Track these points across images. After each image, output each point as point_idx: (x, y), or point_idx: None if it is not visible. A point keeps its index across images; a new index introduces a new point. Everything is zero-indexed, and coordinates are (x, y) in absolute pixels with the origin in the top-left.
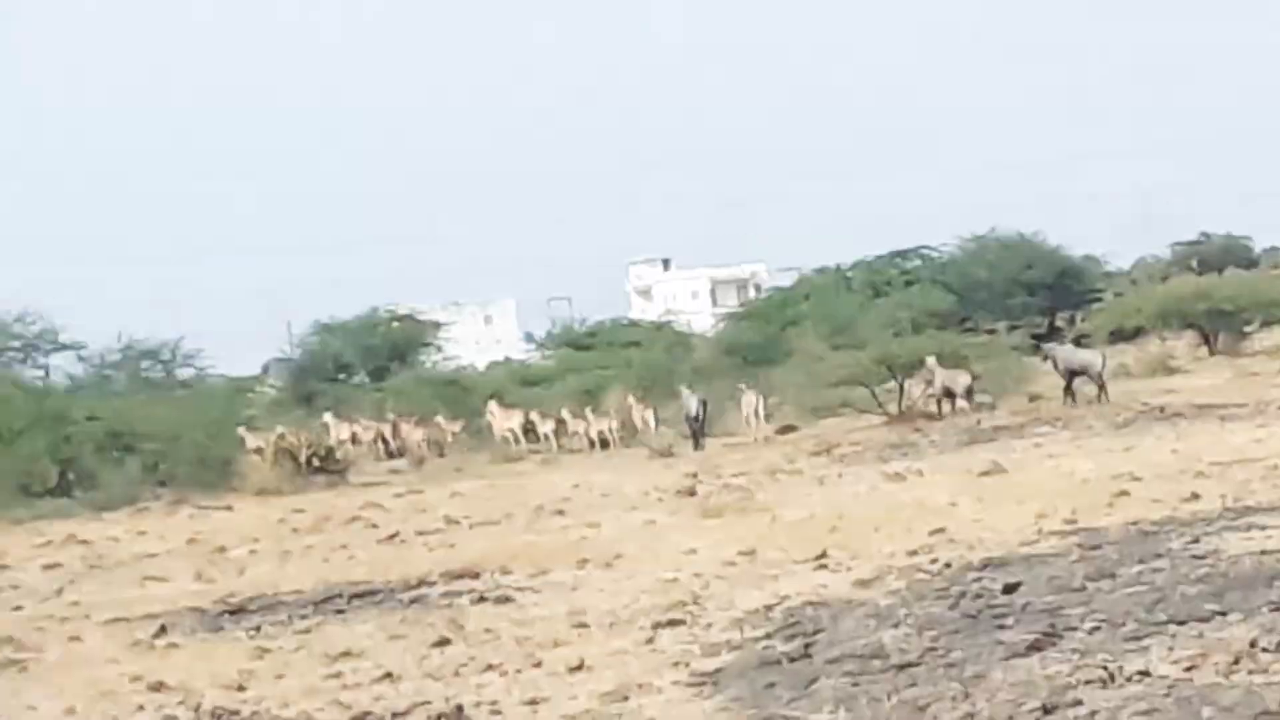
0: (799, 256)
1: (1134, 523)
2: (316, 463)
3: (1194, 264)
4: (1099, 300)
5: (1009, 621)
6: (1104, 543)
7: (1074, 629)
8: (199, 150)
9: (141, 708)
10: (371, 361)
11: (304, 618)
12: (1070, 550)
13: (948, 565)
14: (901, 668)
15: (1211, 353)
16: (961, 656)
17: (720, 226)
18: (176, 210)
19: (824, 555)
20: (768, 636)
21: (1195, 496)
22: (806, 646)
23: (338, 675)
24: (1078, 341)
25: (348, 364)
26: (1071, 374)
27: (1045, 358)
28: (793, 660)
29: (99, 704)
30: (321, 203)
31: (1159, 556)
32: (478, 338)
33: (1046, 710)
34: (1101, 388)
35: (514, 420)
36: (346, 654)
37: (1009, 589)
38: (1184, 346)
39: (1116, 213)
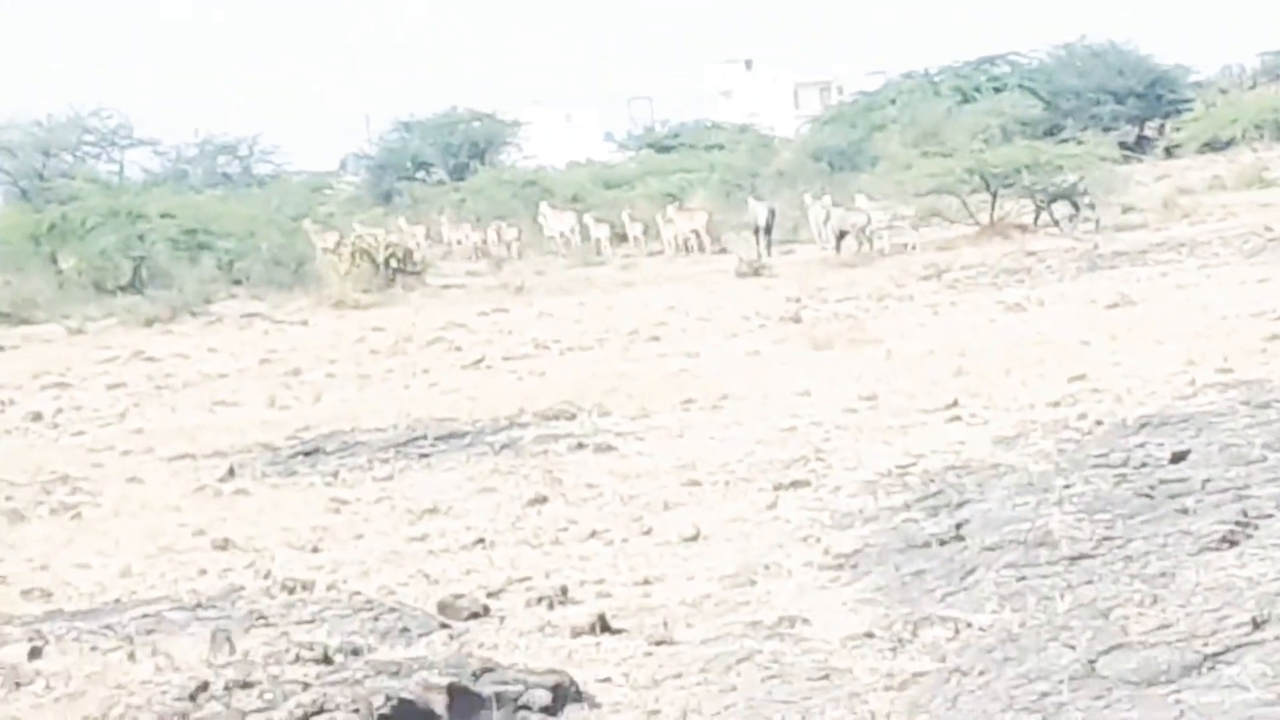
0: (884, 61)
1: None
2: (394, 264)
3: None
4: (1188, 109)
5: (1190, 503)
6: (1272, 401)
7: (1269, 516)
8: None
9: (204, 571)
10: (451, 160)
11: (385, 462)
12: (1235, 408)
13: (1099, 423)
14: (1073, 559)
15: None
16: (1143, 549)
17: (804, 27)
18: (257, 7)
19: (955, 404)
20: (906, 507)
21: None
22: (957, 526)
23: (423, 538)
24: (1168, 152)
25: (427, 162)
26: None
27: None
28: (943, 543)
29: (158, 563)
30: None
31: None
32: (557, 138)
33: (1256, 624)
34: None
35: (566, 223)
36: (433, 510)
37: (1178, 458)
38: (1278, 158)
39: (1201, 20)
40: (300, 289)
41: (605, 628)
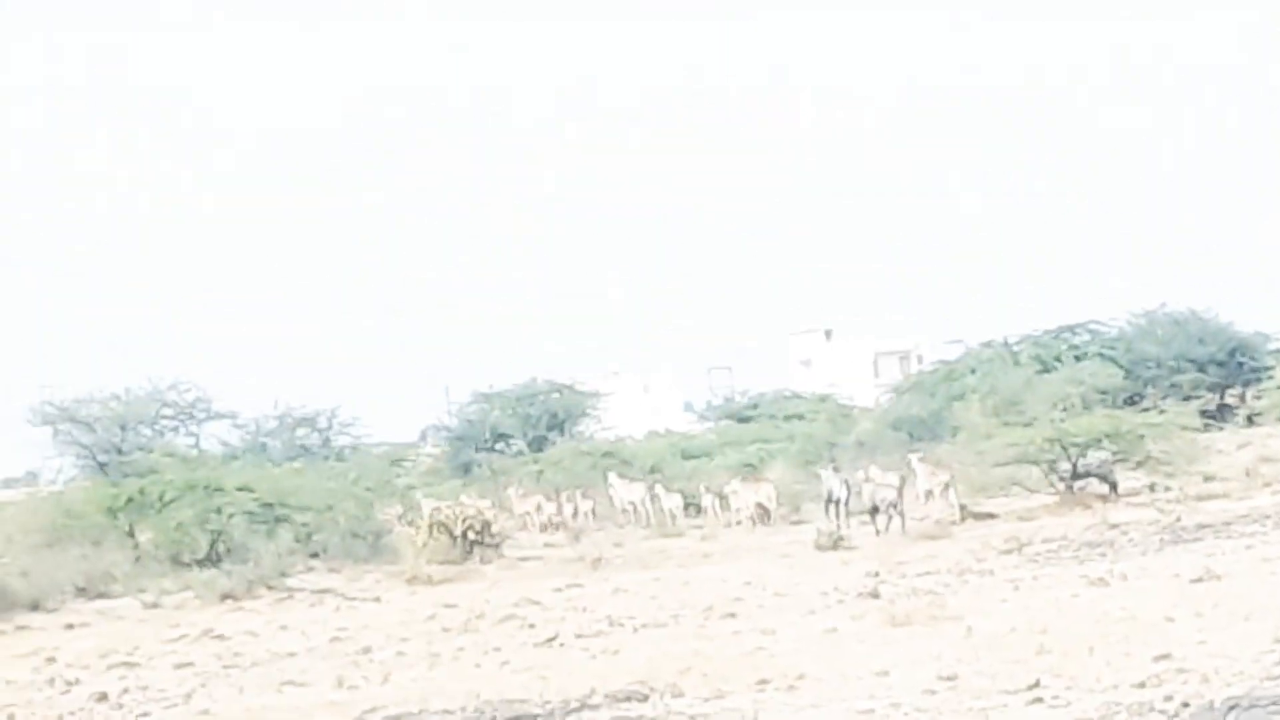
0: (964, 329)
1: None
2: (472, 536)
3: None
4: (1269, 376)
5: None
6: None
7: None
8: (358, 218)
9: None
10: (530, 431)
11: None
12: None
13: (1185, 705)
14: None
15: None
16: None
17: (884, 297)
18: (336, 276)
19: (1036, 685)
20: None
21: None
22: None
23: None
24: (1250, 420)
25: (505, 433)
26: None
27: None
28: None
29: None
30: (481, 268)
31: None
32: (636, 408)
33: None
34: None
35: (636, 493)
36: None
37: None
38: None
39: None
40: (378, 561)
41: None
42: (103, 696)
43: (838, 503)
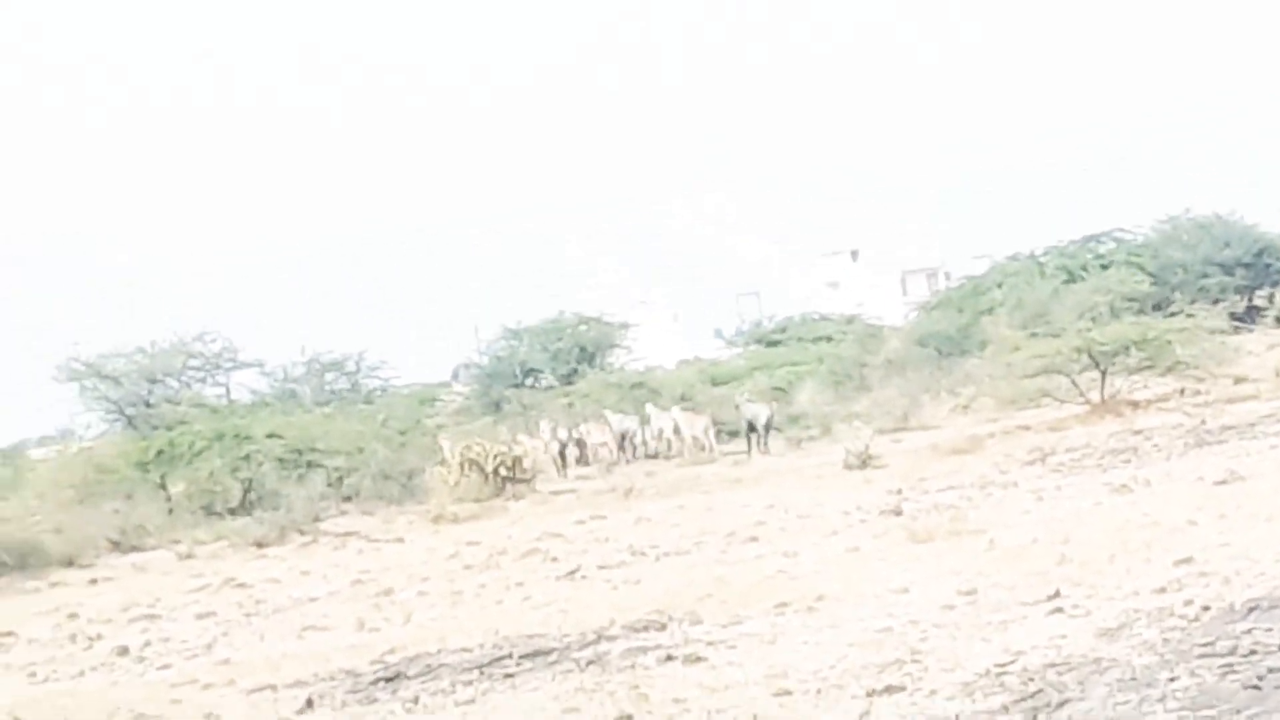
0: (990, 244)
1: None
2: (504, 472)
3: None
4: None
5: None
6: None
7: None
8: (379, 161)
9: None
10: (560, 365)
11: (468, 684)
12: None
13: (1205, 609)
14: None
15: None
16: None
17: (909, 216)
18: (359, 220)
19: (1056, 595)
20: (1004, 710)
21: None
22: None
23: None
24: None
25: (535, 368)
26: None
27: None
28: None
29: None
30: (504, 207)
31: None
32: (666, 337)
33: None
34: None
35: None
36: None
37: None
38: None
39: None
40: (412, 502)
41: None
42: (124, 650)
43: (755, 429)
